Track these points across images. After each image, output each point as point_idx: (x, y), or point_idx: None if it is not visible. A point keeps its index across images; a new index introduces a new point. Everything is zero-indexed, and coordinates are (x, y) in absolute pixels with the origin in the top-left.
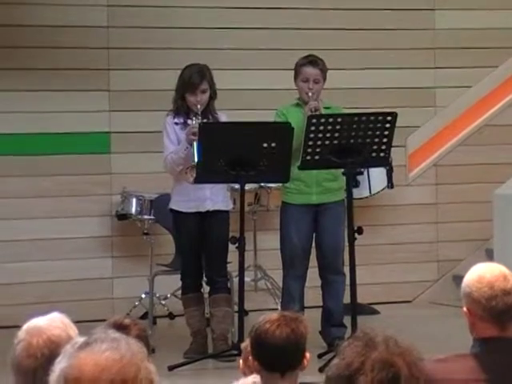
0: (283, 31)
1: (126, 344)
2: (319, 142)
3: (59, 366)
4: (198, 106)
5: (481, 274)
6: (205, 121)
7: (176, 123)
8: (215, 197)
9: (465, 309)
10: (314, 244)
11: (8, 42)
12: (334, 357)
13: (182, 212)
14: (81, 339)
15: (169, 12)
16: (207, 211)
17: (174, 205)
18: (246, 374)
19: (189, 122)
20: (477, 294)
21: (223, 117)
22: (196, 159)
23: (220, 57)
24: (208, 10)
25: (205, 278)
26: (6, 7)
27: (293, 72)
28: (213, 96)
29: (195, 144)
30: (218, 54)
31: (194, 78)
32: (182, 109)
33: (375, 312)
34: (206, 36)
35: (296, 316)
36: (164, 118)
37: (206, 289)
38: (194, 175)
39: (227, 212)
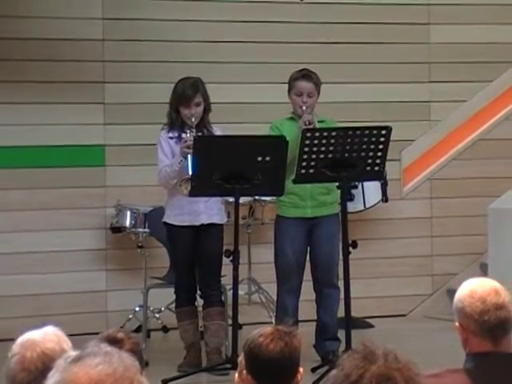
0: (277, 45)
1: (118, 358)
2: (314, 156)
3: (52, 380)
4: (193, 119)
5: (473, 288)
6: (199, 134)
7: (171, 137)
8: (209, 210)
9: (457, 324)
10: (308, 258)
11: (3, 55)
12: (328, 370)
13: (175, 225)
14: (73, 353)
15: (164, 25)
16: (201, 225)
17: (168, 218)
18: None
19: (183, 135)
20: (469, 308)
21: (218, 131)
22: (190, 172)
23: (215, 70)
24: (203, 24)
25: (198, 292)
26: (1, 20)
27: (286, 85)
28: (207, 109)
29: (189, 157)
30: (212, 67)
31: (188, 91)
32: (176, 122)
33: (369, 326)
34: (200, 50)
35: (290, 330)
36: (158, 132)
37: (199, 302)
38: (189, 188)
39: (221, 225)
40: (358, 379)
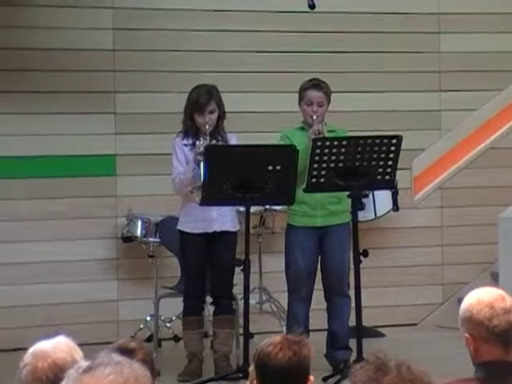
0: (288, 54)
1: (129, 367)
2: (324, 165)
3: None
4: (207, 127)
5: (479, 297)
6: (213, 142)
7: (185, 144)
8: (222, 217)
9: (467, 335)
10: (319, 267)
11: (14, 65)
12: (339, 380)
13: (188, 233)
14: (84, 363)
15: (175, 35)
16: (214, 232)
17: (182, 226)
18: None
19: (197, 142)
20: (478, 315)
21: (234, 138)
22: (202, 179)
23: (224, 80)
24: (213, 34)
25: (210, 299)
26: (10, 31)
27: (297, 94)
28: (221, 116)
29: (202, 164)
30: (222, 76)
31: (202, 99)
32: (190, 130)
33: (380, 335)
34: (211, 59)
35: (299, 339)
36: (173, 140)
37: (207, 311)
38: (200, 196)
39: (235, 233)
40: None
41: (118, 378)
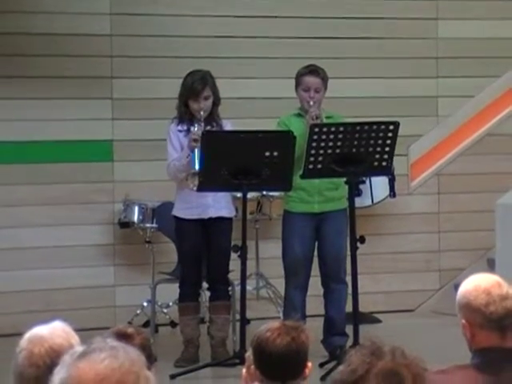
0: (284, 40)
1: (124, 352)
2: (321, 151)
3: (58, 376)
4: (201, 113)
5: (476, 283)
6: (208, 128)
7: (180, 130)
8: (218, 203)
9: (463, 321)
10: (316, 253)
11: (11, 50)
12: (335, 366)
13: (184, 219)
14: (79, 348)
15: (172, 20)
16: (210, 218)
17: (177, 212)
18: (248, 383)
19: (192, 128)
20: (475, 302)
21: (228, 125)
22: (197, 166)
23: (222, 65)
24: (210, 19)
25: (206, 284)
26: (8, 16)
27: (293, 80)
28: (216, 102)
29: (196, 151)
30: (219, 62)
31: (197, 85)
32: (185, 116)
33: (377, 321)
34: (208, 44)
35: (297, 325)
36: (168, 126)
37: (203, 297)
38: (196, 182)
39: (230, 219)
40: (365, 374)
41: (113, 362)
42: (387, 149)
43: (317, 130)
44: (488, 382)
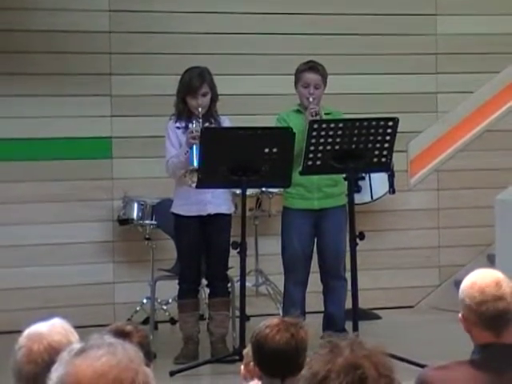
0: (284, 36)
1: (122, 349)
2: (321, 148)
3: (56, 373)
4: (200, 110)
5: (473, 280)
6: (206, 124)
7: (178, 127)
8: (216, 200)
9: (460, 315)
10: (315, 249)
11: (10, 47)
12: None
13: (183, 216)
14: (77, 345)
15: (171, 17)
16: (208, 215)
17: (176, 208)
18: (247, 380)
19: (190, 125)
20: (468, 300)
21: (226, 121)
22: (195, 163)
23: (221, 62)
24: (210, 16)
25: (205, 281)
26: (8, 12)
27: (292, 77)
28: (214, 99)
29: (195, 148)
30: (219, 59)
31: (195, 81)
32: (183, 113)
33: (377, 317)
34: (207, 41)
35: (296, 321)
36: (166, 122)
37: (202, 294)
38: (194, 179)
39: (229, 215)
40: (327, 374)
41: (111, 359)
42: (386, 145)
43: (316, 126)
44: (488, 378)
